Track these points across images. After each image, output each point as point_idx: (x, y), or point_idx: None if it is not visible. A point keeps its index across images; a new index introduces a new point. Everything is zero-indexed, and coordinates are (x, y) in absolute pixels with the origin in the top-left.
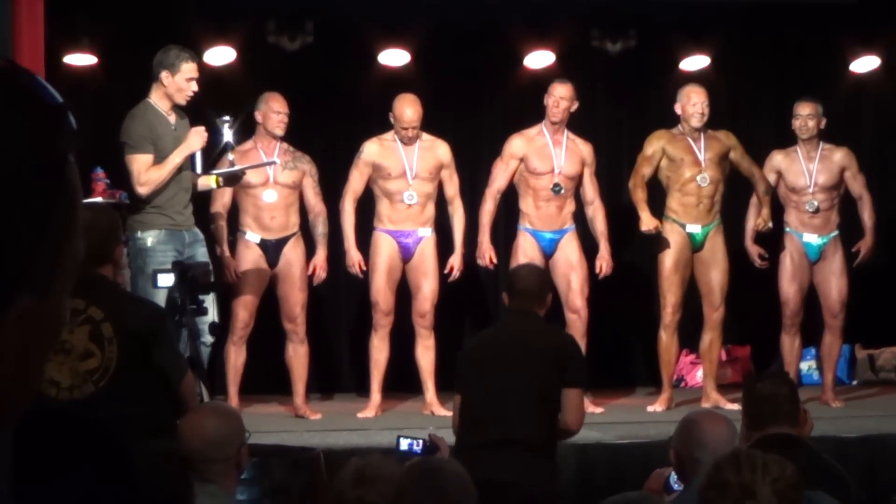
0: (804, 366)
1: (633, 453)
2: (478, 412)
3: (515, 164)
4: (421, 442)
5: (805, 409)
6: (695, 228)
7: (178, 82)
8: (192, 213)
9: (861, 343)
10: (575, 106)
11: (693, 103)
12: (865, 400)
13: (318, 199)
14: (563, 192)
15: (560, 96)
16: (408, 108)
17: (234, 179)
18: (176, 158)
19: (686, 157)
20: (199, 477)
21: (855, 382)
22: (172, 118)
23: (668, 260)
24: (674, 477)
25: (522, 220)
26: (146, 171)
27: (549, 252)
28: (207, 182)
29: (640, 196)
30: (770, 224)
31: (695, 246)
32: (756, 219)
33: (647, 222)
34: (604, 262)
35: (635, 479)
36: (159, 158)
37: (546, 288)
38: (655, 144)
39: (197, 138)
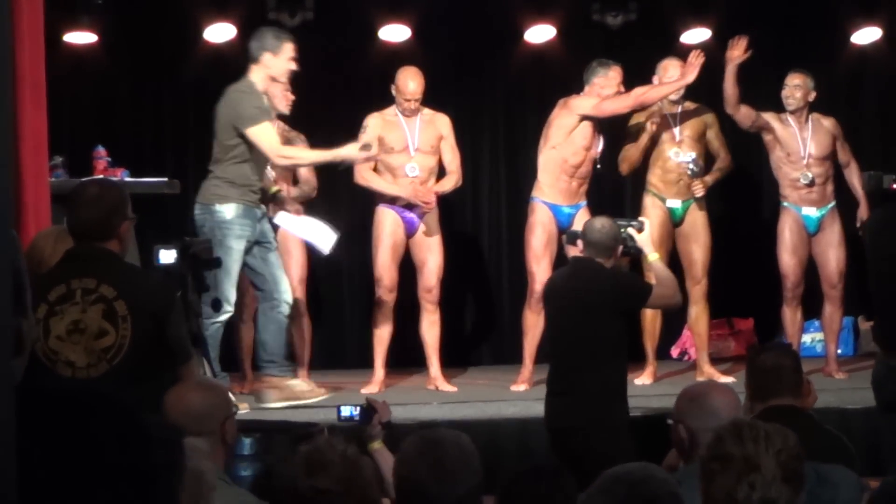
0: (807, 338)
1: None
2: (551, 361)
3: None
4: (358, 408)
5: (808, 380)
6: (675, 203)
7: (281, 63)
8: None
9: (864, 315)
10: None
11: (669, 77)
12: (868, 371)
13: (312, 174)
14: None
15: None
16: (410, 81)
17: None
18: (326, 155)
19: (664, 134)
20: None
21: (858, 354)
22: (266, 100)
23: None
24: None
25: (537, 192)
26: (285, 146)
27: (565, 227)
28: (269, 186)
29: (629, 155)
30: (700, 187)
31: (675, 220)
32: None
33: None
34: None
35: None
36: None
37: (617, 241)
38: (636, 125)
39: (355, 152)
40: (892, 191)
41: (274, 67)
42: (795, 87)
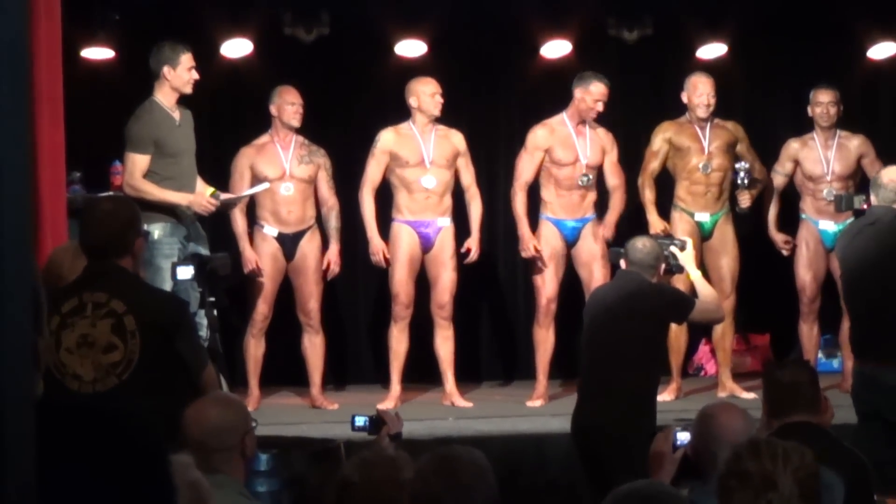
0: (823, 354)
1: None
2: (585, 366)
3: (541, 155)
4: (368, 418)
5: (826, 396)
6: (703, 217)
7: (181, 74)
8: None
9: None
10: None
11: (699, 94)
12: None
13: (332, 193)
14: (589, 182)
15: (604, 98)
16: (429, 83)
17: (229, 205)
18: (171, 198)
19: (692, 146)
20: (205, 467)
21: None
22: (177, 114)
23: None
24: (677, 434)
25: (544, 210)
26: (140, 179)
27: (571, 241)
28: (204, 189)
29: (648, 197)
30: (747, 198)
31: (704, 234)
32: (774, 207)
33: (656, 225)
34: (606, 230)
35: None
36: (165, 153)
37: (659, 259)
38: (661, 137)
39: (200, 207)
40: (863, 210)
41: (174, 79)
42: (829, 104)
